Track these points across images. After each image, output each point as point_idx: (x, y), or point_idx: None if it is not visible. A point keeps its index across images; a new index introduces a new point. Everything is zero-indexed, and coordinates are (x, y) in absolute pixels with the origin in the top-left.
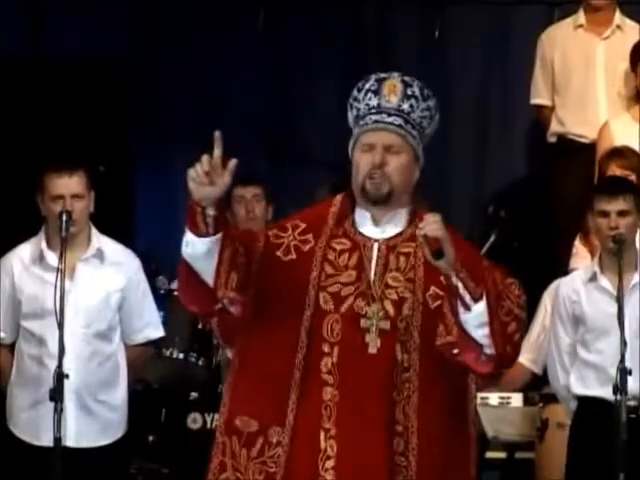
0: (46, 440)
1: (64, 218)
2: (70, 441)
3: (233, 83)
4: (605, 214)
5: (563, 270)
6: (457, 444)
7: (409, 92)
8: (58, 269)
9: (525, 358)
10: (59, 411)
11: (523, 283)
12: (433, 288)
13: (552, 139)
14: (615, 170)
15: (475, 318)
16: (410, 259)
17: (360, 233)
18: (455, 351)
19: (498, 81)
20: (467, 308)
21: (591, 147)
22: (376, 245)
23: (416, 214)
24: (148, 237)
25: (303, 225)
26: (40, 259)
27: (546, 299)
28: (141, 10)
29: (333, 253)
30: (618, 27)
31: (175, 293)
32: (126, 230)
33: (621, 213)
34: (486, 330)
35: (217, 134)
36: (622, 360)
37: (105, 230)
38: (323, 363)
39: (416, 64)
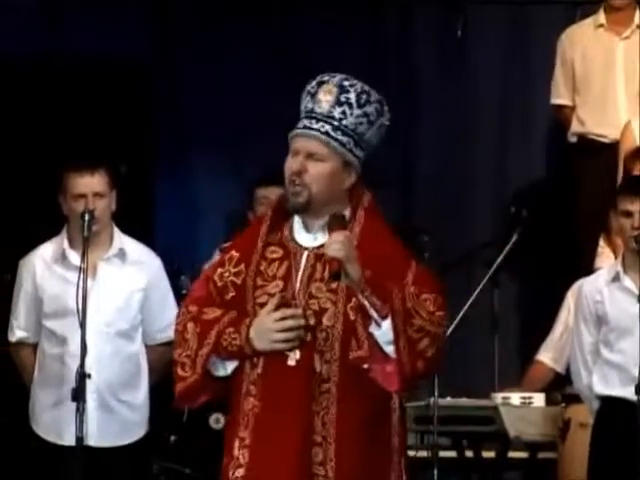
0: (68, 439)
1: (86, 217)
2: (92, 440)
3: (254, 84)
4: (628, 214)
5: (586, 270)
6: (377, 455)
7: (342, 98)
8: (80, 268)
9: (547, 357)
10: (81, 411)
11: (546, 283)
12: (355, 300)
13: (573, 139)
14: None
15: (384, 335)
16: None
17: (294, 240)
18: (365, 366)
19: (519, 81)
20: (377, 324)
21: (612, 147)
22: (305, 254)
23: (354, 218)
24: (169, 237)
25: (237, 255)
26: (62, 258)
27: (569, 299)
28: (163, 10)
29: (264, 263)
30: (638, 27)
31: None
32: (147, 230)
33: None
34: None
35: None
36: None
37: (126, 230)
38: (250, 373)
39: (437, 64)
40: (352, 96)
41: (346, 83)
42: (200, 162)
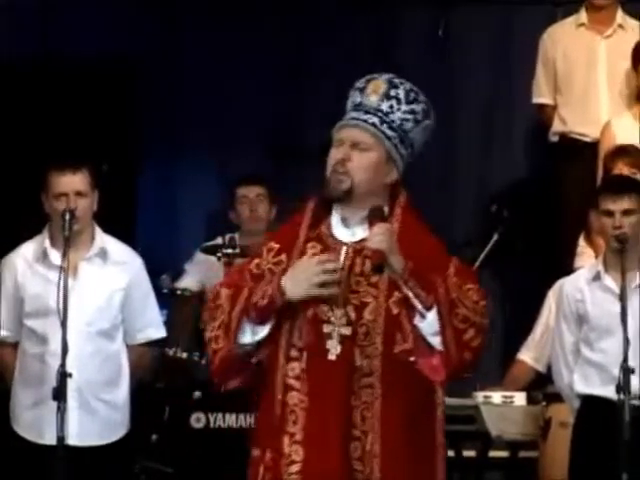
0: (49, 439)
1: (67, 217)
2: (72, 440)
3: (238, 84)
4: (610, 213)
5: (567, 269)
6: (422, 449)
7: (392, 93)
8: (61, 268)
9: (528, 357)
10: (62, 410)
11: (527, 282)
12: (397, 294)
13: (554, 138)
14: (622, 168)
15: (429, 326)
16: (368, 264)
17: (333, 236)
18: (412, 358)
19: (501, 80)
20: (422, 316)
21: (593, 146)
22: (344, 249)
23: (391, 213)
24: (150, 236)
25: (277, 246)
26: (43, 257)
27: (550, 298)
28: (148, 11)
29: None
30: (620, 26)
31: (178, 292)
32: (129, 229)
33: (626, 212)
34: (440, 338)
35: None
36: (625, 359)
37: (108, 229)
38: (290, 367)
39: (420, 64)
40: (401, 92)
41: (396, 80)
42: (182, 162)
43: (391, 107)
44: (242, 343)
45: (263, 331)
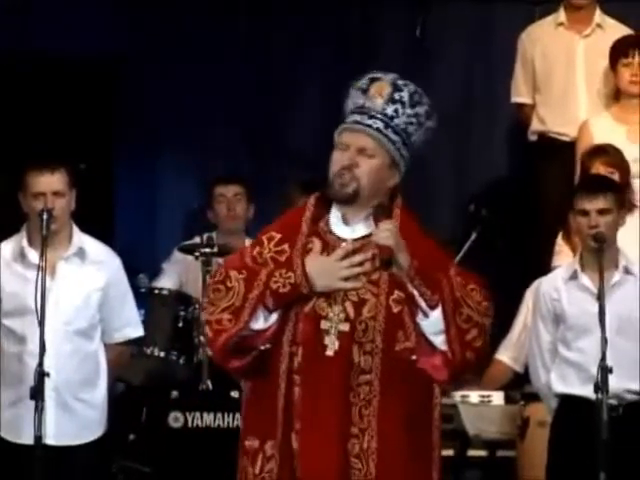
0: (27, 438)
1: (45, 217)
2: (50, 439)
3: (217, 83)
4: (585, 213)
5: (545, 268)
6: (419, 449)
7: (396, 96)
8: (39, 267)
9: (507, 356)
10: (40, 410)
11: (505, 282)
12: (397, 292)
13: (533, 137)
14: (599, 167)
15: (432, 325)
16: (375, 261)
17: (332, 232)
18: (413, 357)
19: (480, 79)
20: (425, 315)
21: (572, 145)
22: (344, 245)
23: (391, 213)
24: (128, 235)
25: (278, 236)
26: (21, 257)
27: (528, 298)
28: (126, 8)
29: (304, 254)
30: (598, 25)
31: (156, 291)
32: (106, 228)
33: (601, 212)
34: (443, 337)
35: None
36: (603, 358)
37: (86, 228)
38: (291, 362)
39: (399, 62)
40: (405, 95)
41: (400, 82)
42: (160, 161)
43: (396, 111)
44: (253, 328)
45: (273, 317)
